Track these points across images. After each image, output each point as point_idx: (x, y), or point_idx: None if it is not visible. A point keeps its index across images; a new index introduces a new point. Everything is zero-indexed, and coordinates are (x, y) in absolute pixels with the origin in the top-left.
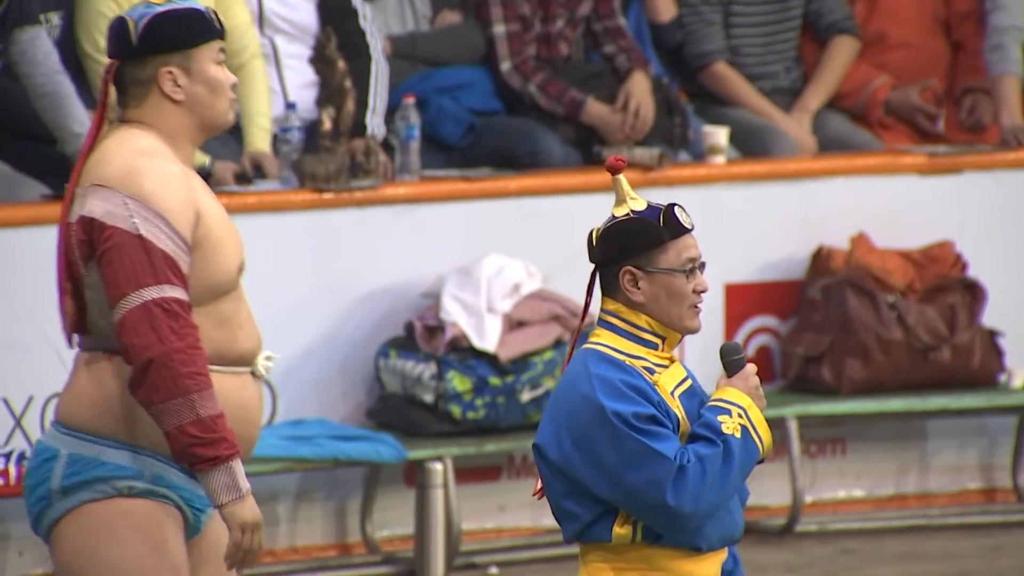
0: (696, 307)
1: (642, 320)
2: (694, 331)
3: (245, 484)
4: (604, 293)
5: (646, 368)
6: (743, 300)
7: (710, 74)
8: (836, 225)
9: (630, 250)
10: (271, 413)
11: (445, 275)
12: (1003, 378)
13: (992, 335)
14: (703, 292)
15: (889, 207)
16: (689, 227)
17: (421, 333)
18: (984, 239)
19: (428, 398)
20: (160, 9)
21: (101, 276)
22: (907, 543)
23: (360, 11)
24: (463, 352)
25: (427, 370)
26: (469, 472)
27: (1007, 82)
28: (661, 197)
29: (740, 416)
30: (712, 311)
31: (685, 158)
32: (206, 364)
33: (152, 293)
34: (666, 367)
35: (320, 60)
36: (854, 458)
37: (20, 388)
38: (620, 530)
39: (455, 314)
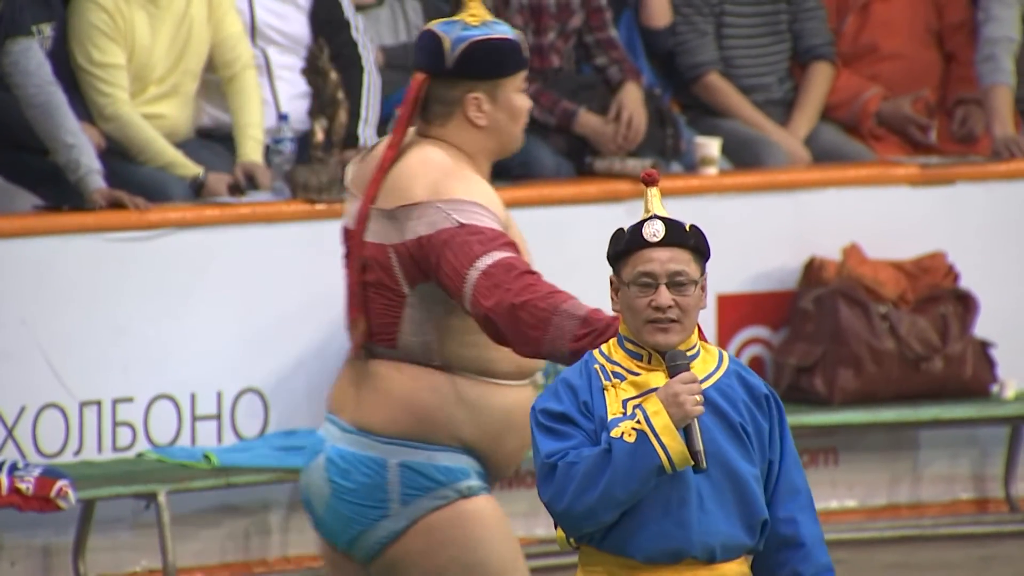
0: (654, 323)
1: (624, 329)
2: (655, 346)
3: None
4: None
5: (615, 373)
6: (735, 311)
7: (703, 85)
8: (828, 236)
9: (612, 259)
10: (263, 424)
11: None
12: (995, 389)
13: (984, 346)
14: (658, 308)
15: (881, 218)
16: (652, 240)
17: None
18: (976, 250)
19: None
20: (478, 36)
21: (441, 286)
22: (899, 553)
23: (352, 22)
24: None
25: None
26: None
27: (999, 93)
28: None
29: (639, 421)
30: (704, 322)
31: (677, 169)
32: (553, 286)
33: (485, 261)
34: (637, 375)
35: (312, 71)
36: (846, 468)
37: (12, 399)
38: (560, 532)
39: None
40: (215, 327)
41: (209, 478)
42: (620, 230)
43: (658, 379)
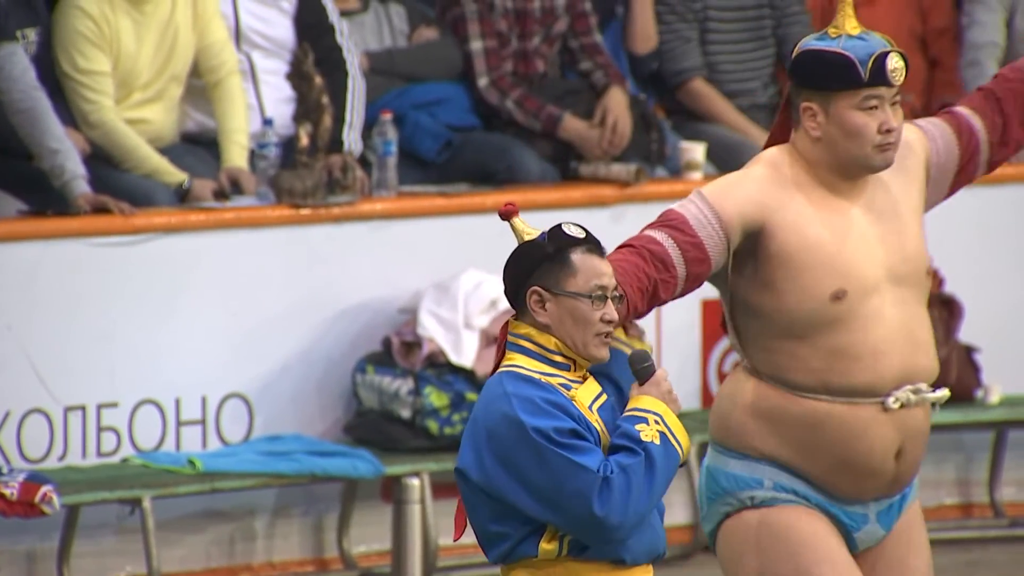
0: (601, 335)
1: (551, 343)
2: (599, 360)
3: None
4: (516, 316)
5: (562, 385)
6: (720, 316)
7: (687, 91)
8: None
9: (533, 270)
10: (248, 429)
11: (422, 291)
12: (980, 394)
13: (969, 351)
14: (611, 322)
15: None
16: (579, 237)
17: (398, 349)
18: (961, 255)
19: (405, 414)
20: (816, 46)
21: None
22: None
23: (337, 27)
24: (440, 368)
25: (404, 386)
26: (446, 488)
27: None
28: (638, 213)
29: (657, 423)
30: (689, 328)
31: (662, 174)
32: (641, 267)
33: (638, 239)
34: (581, 383)
35: (297, 76)
36: None
37: None
38: (547, 546)
39: (432, 330)
40: (200, 332)
41: (194, 483)
42: (526, 244)
43: (591, 385)
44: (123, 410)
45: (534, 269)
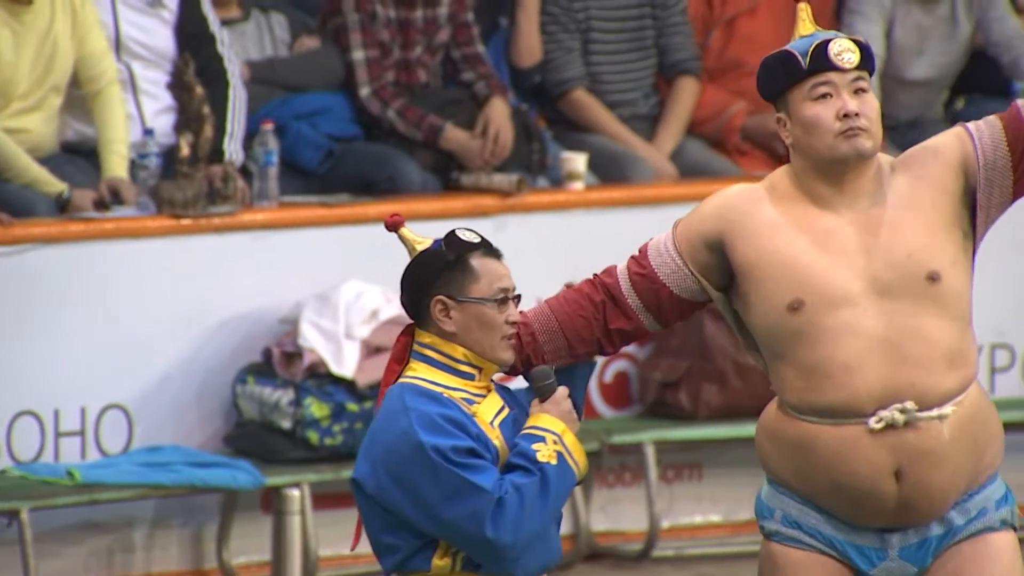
0: (507, 337)
1: (458, 352)
2: (507, 363)
3: None
4: (418, 326)
5: (464, 399)
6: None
7: (569, 101)
8: None
9: (435, 279)
10: (127, 440)
11: (303, 301)
12: None
13: None
14: (515, 324)
15: None
16: (476, 242)
17: (279, 359)
18: None
19: (286, 424)
20: (772, 53)
21: None
22: None
23: (218, 36)
24: (321, 378)
25: (285, 396)
26: (326, 498)
27: None
28: (519, 223)
29: (555, 442)
30: None
31: (544, 184)
32: (544, 314)
33: (604, 270)
34: (484, 396)
35: (178, 86)
36: (711, 483)
37: None
38: (439, 561)
39: (313, 340)
40: (79, 343)
41: (72, 495)
42: (425, 253)
43: (494, 398)
44: (1, 421)
45: (436, 278)
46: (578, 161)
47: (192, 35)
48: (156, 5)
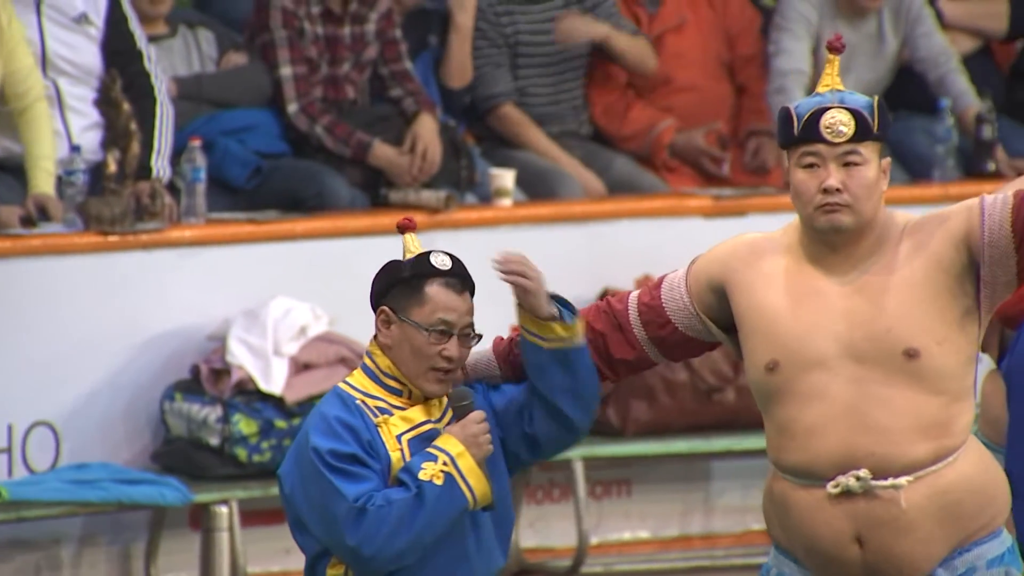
0: (438, 371)
1: (385, 364)
2: (431, 394)
3: None
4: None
5: (380, 408)
6: None
7: (498, 116)
8: (622, 267)
9: (388, 290)
10: (54, 457)
11: (231, 318)
12: None
13: None
14: (450, 360)
15: (674, 249)
16: (441, 268)
17: (207, 376)
18: None
19: (214, 441)
20: (786, 105)
21: None
22: None
23: (145, 53)
24: (249, 395)
25: (213, 413)
26: (255, 515)
27: None
28: (448, 239)
29: (446, 464)
30: None
31: (472, 200)
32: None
33: (619, 296)
34: (403, 409)
35: (105, 102)
36: (639, 499)
37: None
38: (332, 571)
39: (241, 357)
40: (6, 359)
41: None
42: (395, 261)
43: (418, 413)
44: None
45: (389, 289)
46: (506, 178)
47: (119, 52)
48: (82, 22)
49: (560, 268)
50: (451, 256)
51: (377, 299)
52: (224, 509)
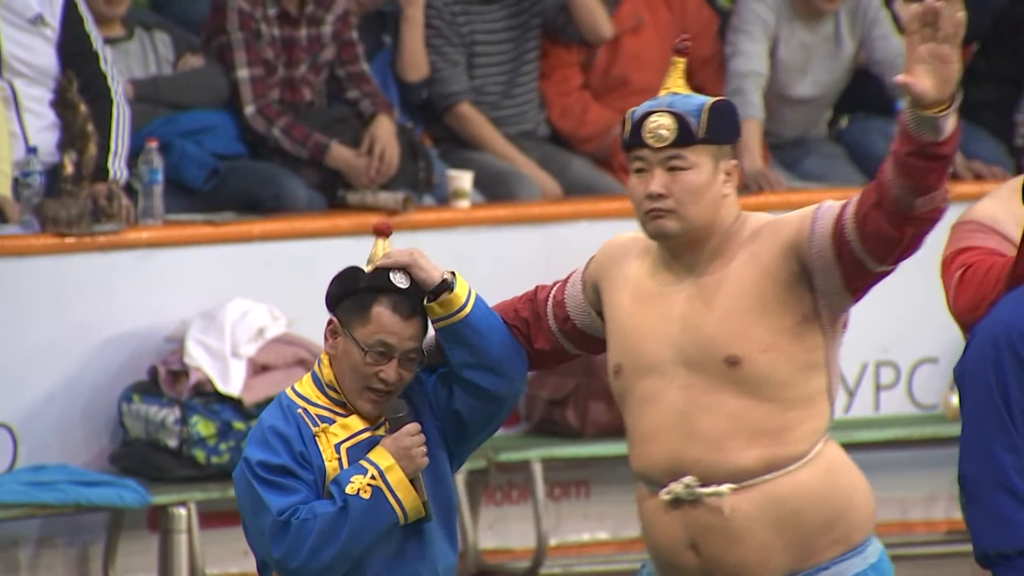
0: (372, 391)
1: (328, 375)
2: (366, 413)
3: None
4: None
5: (321, 416)
6: None
7: (454, 115)
8: None
9: (340, 300)
10: (12, 459)
11: (189, 319)
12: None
13: None
14: (386, 382)
15: None
16: (393, 287)
17: (165, 378)
18: None
19: (172, 443)
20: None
21: None
22: None
23: (102, 54)
24: (208, 396)
25: (171, 415)
26: (213, 517)
27: (748, 127)
28: (405, 241)
29: (375, 478)
30: None
31: (430, 202)
32: None
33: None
34: (344, 416)
35: (61, 103)
36: (598, 500)
37: None
38: None
39: (199, 358)
40: None
41: None
42: (354, 269)
43: (357, 421)
44: None
45: (341, 298)
46: (464, 179)
47: (75, 53)
48: (38, 23)
49: (518, 270)
50: (406, 276)
51: (330, 305)
52: (183, 511)
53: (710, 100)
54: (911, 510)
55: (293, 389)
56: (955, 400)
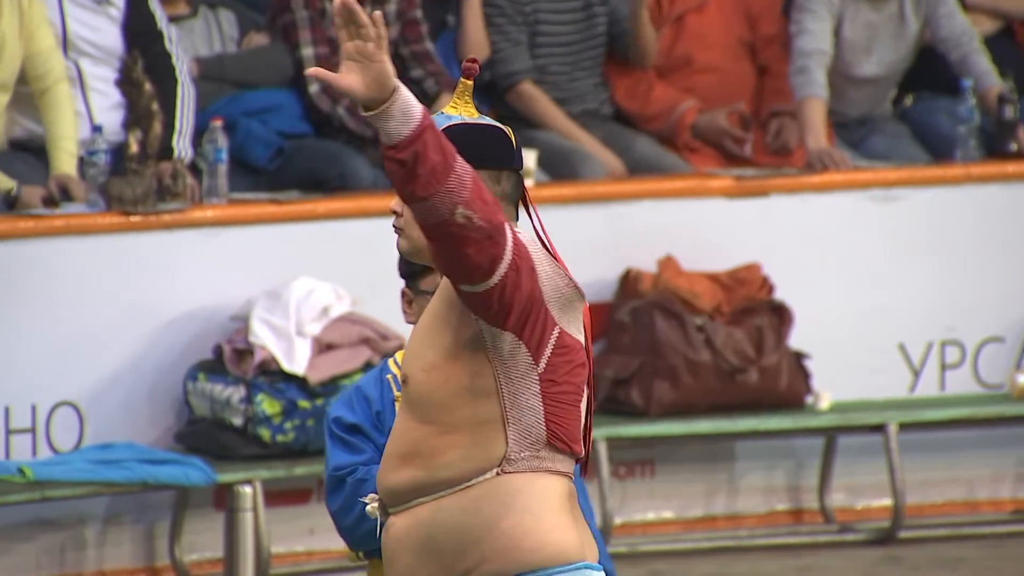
0: None
1: None
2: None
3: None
4: None
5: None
6: None
7: (517, 94)
8: (644, 248)
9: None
10: (78, 437)
11: (254, 298)
12: (810, 400)
13: (799, 357)
14: None
15: (697, 230)
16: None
17: (230, 356)
18: (791, 262)
19: (237, 421)
20: None
21: None
22: (716, 564)
23: (166, 33)
24: (272, 375)
25: (236, 393)
26: (279, 495)
27: (812, 105)
28: None
29: None
30: None
31: None
32: None
33: None
34: None
35: (127, 82)
36: (663, 480)
37: None
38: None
39: (264, 337)
40: (30, 340)
41: (24, 492)
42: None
43: None
44: None
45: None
46: (528, 158)
47: (140, 32)
48: (104, 3)
49: (582, 249)
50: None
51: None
52: (248, 489)
53: (455, 122)
54: (977, 490)
55: (393, 357)
56: (1021, 379)
